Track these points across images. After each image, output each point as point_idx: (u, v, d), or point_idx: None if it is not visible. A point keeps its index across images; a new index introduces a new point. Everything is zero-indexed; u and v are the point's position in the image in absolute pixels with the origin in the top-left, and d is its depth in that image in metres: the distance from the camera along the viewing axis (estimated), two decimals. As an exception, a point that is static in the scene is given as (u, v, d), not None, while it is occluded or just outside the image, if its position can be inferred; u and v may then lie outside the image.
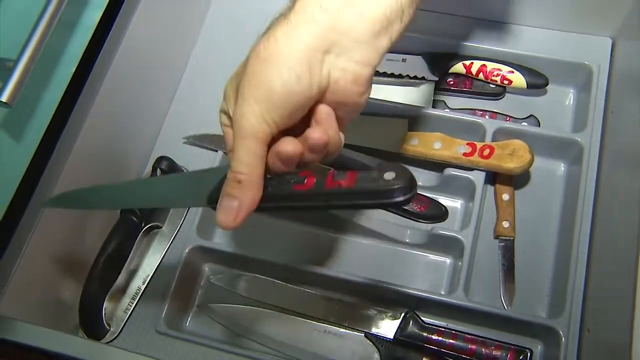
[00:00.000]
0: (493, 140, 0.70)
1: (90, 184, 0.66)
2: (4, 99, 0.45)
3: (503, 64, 0.74)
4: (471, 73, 0.75)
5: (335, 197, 0.41)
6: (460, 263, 0.66)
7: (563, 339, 0.61)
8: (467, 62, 0.75)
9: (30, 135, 0.55)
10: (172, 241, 0.72)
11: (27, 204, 0.57)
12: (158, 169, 0.71)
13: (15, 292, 0.58)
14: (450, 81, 0.77)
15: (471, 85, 0.77)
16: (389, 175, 0.40)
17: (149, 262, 0.71)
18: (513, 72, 0.74)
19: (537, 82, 0.74)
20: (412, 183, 0.40)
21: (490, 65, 0.75)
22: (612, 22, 0.75)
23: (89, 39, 0.60)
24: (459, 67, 0.76)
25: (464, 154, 0.68)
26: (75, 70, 0.59)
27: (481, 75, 0.75)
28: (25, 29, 0.48)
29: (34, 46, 0.47)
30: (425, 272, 0.69)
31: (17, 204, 0.56)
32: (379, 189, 0.40)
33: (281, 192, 0.42)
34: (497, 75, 0.74)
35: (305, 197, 0.41)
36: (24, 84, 0.46)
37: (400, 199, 0.40)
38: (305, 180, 0.41)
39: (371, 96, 0.73)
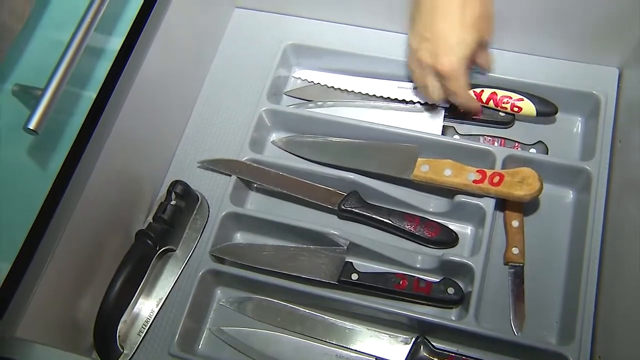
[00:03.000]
0: (503, 167, 0.71)
1: (108, 205, 0.68)
2: (32, 126, 0.46)
3: (513, 92, 0.75)
4: (481, 100, 0.76)
5: (415, 296, 0.67)
6: (470, 289, 0.66)
7: (574, 367, 0.62)
8: (478, 90, 0.76)
9: (53, 159, 0.56)
10: (185, 264, 0.73)
11: (47, 227, 0.58)
12: (173, 193, 0.72)
13: (33, 315, 0.59)
14: (461, 108, 0.78)
15: (481, 113, 0.78)
16: (451, 290, 0.66)
17: (163, 285, 0.72)
18: (523, 99, 0.75)
19: (547, 111, 0.75)
20: (463, 297, 0.67)
21: (500, 93, 0.76)
22: (618, 53, 0.77)
23: (109, 68, 0.62)
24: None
25: (474, 181, 0.69)
26: (96, 98, 0.61)
27: (491, 103, 0.76)
28: (52, 58, 0.50)
29: (60, 75, 0.49)
30: (436, 297, 0.70)
31: (37, 228, 0.57)
32: (443, 298, 0.67)
33: (386, 287, 0.67)
34: (507, 102, 0.75)
35: (398, 292, 0.67)
36: (50, 112, 0.48)
37: (452, 305, 0.68)
38: (401, 282, 0.67)
39: (381, 123, 0.75)
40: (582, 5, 0.73)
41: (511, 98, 0.75)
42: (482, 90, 0.76)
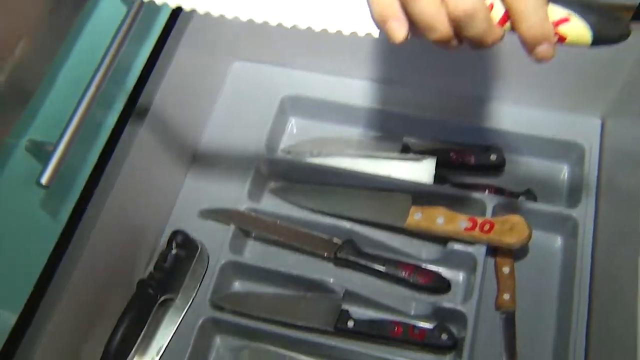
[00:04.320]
0: (493, 214, 0.73)
1: (111, 254, 0.70)
2: (43, 181, 0.49)
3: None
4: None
5: (410, 342, 0.69)
6: (463, 334, 0.68)
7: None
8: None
9: (60, 212, 0.59)
10: (185, 313, 0.74)
11: (53, 277, 0.60)
12: (173, 242, 0.74)
13: (40, 361, 0.60)
14: (453, 155, 0.81)
15: (471, 160, 0.81)
16: (444, 336, 0.68)
17: (163, 333, 0.73)
18: (568, 19, 0.40)
19: (610, 34, 0.41)
20: (457, 342, 0.68)
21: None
22: (601, 104, 0.81)
23: (115, 121, 0.65)
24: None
25: (466, 229, 0.72)
26: (102, 151, 0.63)
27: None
28: (64, 114, 0.52)
29: (71, 132, 0.51)
30: (430, 343, 0.71)
31: (44, 278, 0.59)
32: (437, 344, 0.68)
33: (382, 334, 0.69)
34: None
35: (393, 339, 0.69)
36: (61, 167, 0.50)
37: (446, 351, 0.69)
38: (396, 329, 0.69)
39: (375, 172, 0.78)
40: (566, 59, 0.76)
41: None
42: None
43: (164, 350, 0.72)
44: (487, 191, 0.78)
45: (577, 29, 0.40)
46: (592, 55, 0.74)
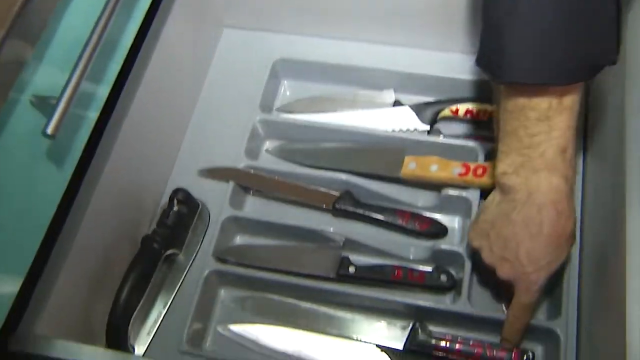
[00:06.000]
0: (485, 160, 0.75)
1: (114, 214, 0.72)
2: (49, 131, 0.50)
3: (489, 103, 0.77)
4: (458, 116, 0.81)
5: (410, 284, 0.71)
6: (461, 275, 0.70)
7: (562, 341, 0.65)
8: (454, 107, 0.81)
9: (66, 166, 0.60)
10: (190, 267, 0.76)
11: (60, 232, 0.62)
12: (175, 200, 0.75)
13: (50, 316, 0.62)
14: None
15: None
16: (443, 277, 0.71)
17: (169, 287, 0.75)
18: None
19: None
20: (455, 282, 0.71)
21: (477, 107, 0.80)
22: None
23: (111, 87, 0.66)
24: (446, 112, 0.82)
25: (459, 175, 0.74)
26: (100, 114, 0.65)
27: (469, 117, 0.81)
28: (65, 71, 0.54)
29: (72, 86, 0.53)
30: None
31: (51, 233, 0.60)
32: (437, 285, 0.71)
33: (382, 278, 0.72)
34: (485, 114, 0.79)
35: (394, 282, 0.71)
36: (64, 119, 0.52)
37: (446, 291, 0.72)
38: (396, 272, 0.71)
39: (369, 126, 0.80)
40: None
41: (487, 109, 0.79)
42: (457, 108, 0.81)
43: (171, 303, 0.74)
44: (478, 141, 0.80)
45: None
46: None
